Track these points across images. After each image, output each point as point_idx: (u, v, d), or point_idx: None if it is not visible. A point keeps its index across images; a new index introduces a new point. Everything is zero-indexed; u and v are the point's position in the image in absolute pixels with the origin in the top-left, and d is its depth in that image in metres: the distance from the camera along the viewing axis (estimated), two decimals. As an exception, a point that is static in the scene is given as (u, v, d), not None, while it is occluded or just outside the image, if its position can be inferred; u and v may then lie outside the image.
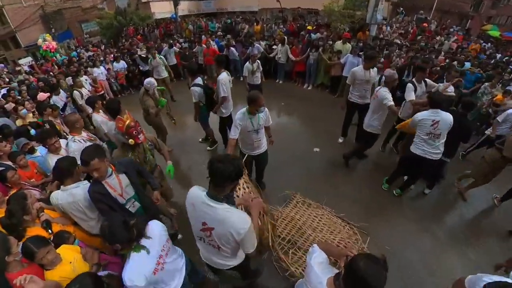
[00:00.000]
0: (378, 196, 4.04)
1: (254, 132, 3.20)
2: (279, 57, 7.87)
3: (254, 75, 5.81)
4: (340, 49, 6.99)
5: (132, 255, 1.59)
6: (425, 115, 3.29)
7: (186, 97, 5.49)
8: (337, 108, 5.27)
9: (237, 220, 1.58)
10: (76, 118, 3.23)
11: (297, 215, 3.42)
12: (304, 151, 5.09)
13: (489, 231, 3.58)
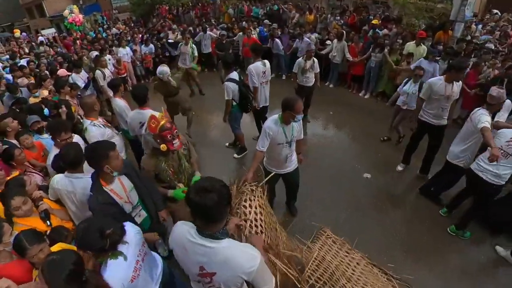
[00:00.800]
0: (434, 242, 3.78)
1: (286, 145, 3.19)
2: (333, 56, 7.80)
3: (305, 75, 5.84)
4: (412, 51, 6.70)
5: (109, 263, 1.72)
6: None
7: (218, 92, 5.68)
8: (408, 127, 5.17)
9: (243, 258, 1.49)
10: (94, 101, 3.51)
11: (327, 255, 3.22)
12: (349, 175, 4.95)
13: None
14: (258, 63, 4.80)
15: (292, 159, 3.41)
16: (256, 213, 2.43)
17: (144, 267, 1.94)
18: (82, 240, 1.71)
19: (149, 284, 2.02)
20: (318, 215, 4.05)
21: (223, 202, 1.42)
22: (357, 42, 7.65)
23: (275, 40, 8.49)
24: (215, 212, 1.42)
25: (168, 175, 2.77)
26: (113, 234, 1.71)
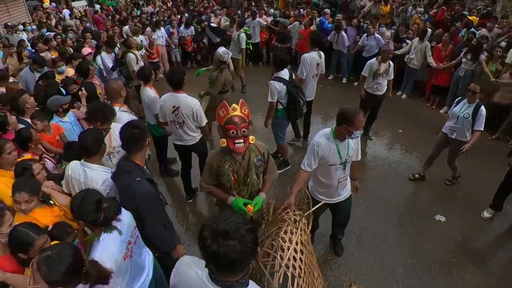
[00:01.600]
0: None
1: (340, 166, 3.11)
2: (410, 58, 7.56)
3: (377, 80, 5.71)
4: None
5: (103, 236, 1.99)
6: None
7: (262, 91, 5.72)
8: (499, 160, 4.82)
9: None
10: (120, 86, 3.82)
11: None
12: (416, 215, 4.72)
13: None
14: (313, 54, 5.21)
15: (345, 184, 3.33)
16: (296, 251, 2.39)
17: (136, 251, 2.25)
18: (78, 209, 1.97)
19: (141, 271, 2.33)
20: (366, 262, 3.94)
21: (247, 252, 1.32)
22: (446, 44, 7.31)
23: (341, 34, 8.37)
24: (235, 263, 1.34)
25: (229, 181, 2.73)
26: (108, 209, 1.98)
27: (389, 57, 5.66)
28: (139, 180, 2.40)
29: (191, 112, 3.92)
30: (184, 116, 3.94)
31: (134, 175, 2.42)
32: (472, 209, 4.80)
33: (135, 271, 2.25)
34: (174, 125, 4.06)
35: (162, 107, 4.04)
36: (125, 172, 2.47)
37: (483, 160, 5.68)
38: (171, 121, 4.04)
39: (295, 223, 2.61)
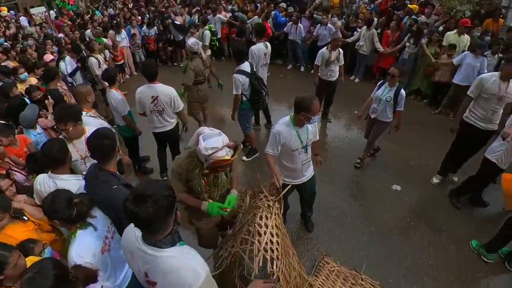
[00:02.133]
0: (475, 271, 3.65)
1: (302, 150, 3.14)
2: (360, 45, 7.68)
3: (329, 67, 5.74)
4: (454, 42, 6.49)
5: (79, 233, 1.94)
6: None
7: (226, 85, 5.63)
8: (442, 132, 4.98)
9: (184, 273, 1.50)
10: (89, 91, 3.59)
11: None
12: (375, 186, 4.89)
13: None
14: (260, 45, 5.24)
15: (309, 166, 3.37)
16: (272, 235, 2.35)
17: (114, 245, 2.14)
18: (50, 208, 1.88)
19: (122, 264, 2.24)
20: (334, 235, 4.05)
21: (161, 212, 1.41)
22: (393, 30, 7.49)
23: (298, 25, 8.33)
24: (150, 223, 1.43)
25: (200, 185, 2.60)
26: (80, 204, 1.91)
27: (339, 45, 5.69)
28: (116, 188, 2.23)
29: (169, 100, 3.96)
30: (164, 104, 3.98)
31: (111, 183, 2.24)
32: (423, 177, 5.02)
33: (115, 264, 2.18)
34: (153, 114, 4.05)
35: (140, 99, 4.00)
36: (100, 182, 2.26)
37: (429, 134, 6.00)
38: (151, 110, 4.01)
39: (268, 208, 2.57)
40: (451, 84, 6.36)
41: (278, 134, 2.99)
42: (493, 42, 6.45)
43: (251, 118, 5.06)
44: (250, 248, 2.33)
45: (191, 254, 1.60)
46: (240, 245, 2.50)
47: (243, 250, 2.41)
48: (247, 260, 2.31)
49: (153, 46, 9.39)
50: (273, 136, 3.03)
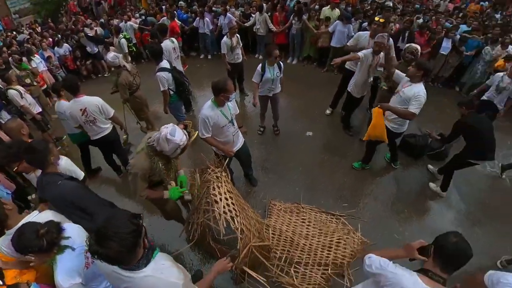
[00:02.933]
0: (374, 176, 4.34)
1: (230, 124, 3.13)
2: (257, 28, 7.64)
3: (235, 52, 5.61)
4: (329, 15, 6.87)
5: (58, 258, 1.71)
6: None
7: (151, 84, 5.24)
8: (331, 86, 5.37)
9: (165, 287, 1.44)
10: (20, 124, 3.04)
11: (283, 226, 3.37)
12: (293, 136, 5.10)
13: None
14: (167, 41, 4.99)
15: (238, 135, 3.39)
16: (226, 199, 2.36)
17: None
18: (19, 243, 1.63)
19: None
20: (273, 181, 4.22)
21: (126, 250, 1.26)
22: (280, 12, 7.54)
23: (204, 19, 7.93)
24: (118, 260, 1.30)
25: (162, 175, 2.52)
26: (47, 233, 1.65)
27: (235, 32, 5.54)
28: (61, 183, 2.16)
29: (97, 108, 3.54)
30: (94, 114, 3.53)
31: (55, 182, 2.16)
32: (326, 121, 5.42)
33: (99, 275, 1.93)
34: (87, 125, 3.58)
35: (71, 114, 3.51)
36: (46, 185, 2.16)
37: (321, 89, 6.32)
38: (84, 122, 3.55)
39: (218, 179, 2.54)
40: (330, 48, 6.79)
41: (206, 118, 2.91)
42: (354, 12, 7.05)
43: (181, 107, 4.81)
44: (212, 215, 2.32)
45: (166, 266, 1.49)
46: (204, 215, 2.48)
47: (207, 218, 2.40)
48: (213, 225, 2.30)
49: (72, 64, 8.02)
50: (202, 120, 2.95)
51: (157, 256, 1.50)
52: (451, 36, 6.40)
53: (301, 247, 3.05)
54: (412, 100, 3.25)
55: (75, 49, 8.05)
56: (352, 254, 2.96)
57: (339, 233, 3.20)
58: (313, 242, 3.12)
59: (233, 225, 2.19)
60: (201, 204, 2.54)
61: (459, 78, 6.99)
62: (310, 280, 2.78)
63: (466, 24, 7.00)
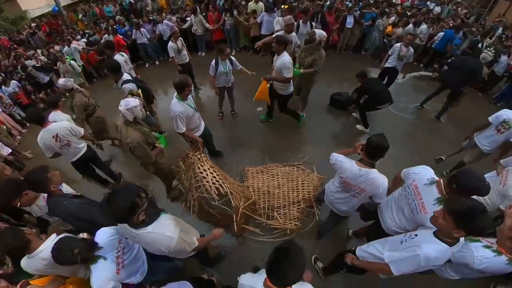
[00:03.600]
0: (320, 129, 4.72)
1: (196, 113, 3.19)
2: (195, 29, 7.34)
3: (182, 53, 5.42)
4: (254, 8, 6.90)
5: (92, 268, 1.70)
6: None
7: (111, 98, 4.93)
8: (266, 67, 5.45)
9: (162, 240, 1.63)
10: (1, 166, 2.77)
11: (259, 184, 3.56)
12: (246, 114, 5.20)
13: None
14: (117, 56, 4.67)
15: (201, 119, 3.43)
16: (212, 173, 2.46)
17: (127, 256, 1.86)
18: (58, 260, 1.64)
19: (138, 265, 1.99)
20: (240, 152, 4.34)
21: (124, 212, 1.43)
22: (213, 11, 7.34)
23: (141, 30, 7.25)
24: (121, 219, 1.50)
25: (151, 135, 2.81)
26: (79, 253, 1.63)
27: (179, 35, 5.34)
28: (66, 202, 2.12)
29: (68, 131, 3.14)
30: (66, 137, 3.15)
31: (61, 202, 2.12)
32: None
33: (132, 269, 1.92)
34: (63, 149, 3.19)
35: (45, 144, 3.07)
36: (54, 206, 2.13)
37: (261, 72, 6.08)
38: (60, 147, 3.15)
39: (199, 160, 2.63)
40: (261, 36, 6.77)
41: (180, 114, 2.90)
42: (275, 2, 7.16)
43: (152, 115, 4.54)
44: (204, 188, 2.43)
45: (164, 224, 1.66)
46: (197, 191, 2.58)
47: (201, 192, 2.50)
48: (207, 196, 2.42)
49: (25, 99, 6.56)
50: (177, 117, 2.91)
51: (161, 217, 1.69)
52: (352, 13, 6.97)
53: (277, 195, 3.33)
54: (282, 68, 3.56)
55: (25, 84, 6.70)
56: (314, 189, 3.33)
57: (301, 177, 3.53)
58: (285, 189, 3.40)
59: (223, 190, 2.34)
60: (192, 184, 2.62)
61: (363, 44, 7.70)
62: (290, 217, 3.09)
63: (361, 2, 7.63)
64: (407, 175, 2.03)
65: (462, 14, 9.59)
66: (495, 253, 1.67)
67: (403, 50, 4.80)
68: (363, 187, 2.05)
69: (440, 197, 1.76)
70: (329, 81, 6.25)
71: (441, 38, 6.66)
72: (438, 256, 1.47)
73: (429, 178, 1.86)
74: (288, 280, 1.21)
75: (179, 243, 1.65)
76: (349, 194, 2.21)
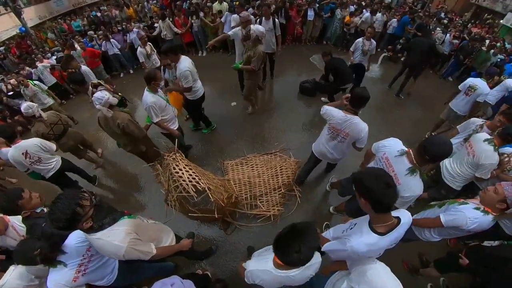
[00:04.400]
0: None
1: (168, 104, 2.98)
2: (164, 34, 6.87)
3: (152, 58, 5.11)
4: (219, 9, 6.55)
5: (51, 270, 1.57)
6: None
7: (87, 111, 4.53)
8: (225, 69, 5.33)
9: (110, 248, 1.44)
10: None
11: (239, 175, 3.41)
12: (222, 107, 4.95)
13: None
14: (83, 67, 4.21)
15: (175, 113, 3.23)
16: (187, 171, 2.27)
17: (92, 263, 1.67)
18: (18, 259, 1.57)
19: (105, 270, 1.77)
20: (218, 146, 4.08)
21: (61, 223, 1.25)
22: (179, 16, 6.86)
23: (111, 41, 6.71)
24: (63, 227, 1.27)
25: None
26: (41, 253, 1.49)
27: (146, 40, 5.05)
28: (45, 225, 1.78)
29: (38, 148, 2.84)
30: (37, 153, 2.84)
31: (40, 223, 1.85)
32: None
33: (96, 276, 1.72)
34: (34, 166, 2.86)
35: (15, 162, 2.77)
36: (33, 228, 1.87)
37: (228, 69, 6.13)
38: (30, 164, 2.83)
39: (174, 160, 2.41)
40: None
41: (152, 104, 2.74)
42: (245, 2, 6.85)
43: None
44: (182, 188, 2.23)
45: (116, 231, 1.45)
46: (175, 191, 2.36)
47: (179, 192, 2.29)
48: (186, 195, 2.22)
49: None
50: (150, 108, 2.75)
51: (119, 222, 1.50)
52: (312, 6, 6.83)
53: (258, 184, 3.18)
54: (181, 78, 3.10)
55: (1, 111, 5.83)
56: (293, 173, 3.20)
57: (280, 163, 3.40)
58: (265, 177, 3.26)
59: (200, 187, 2.14)
60: (170, 185, 2.40)
61: (325, 34, 7.61)
62: (273, 203, 2.96)
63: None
64: (377, 148, 1.94)
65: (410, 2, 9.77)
66: (483, 213, 1.68)
67: (366, 44, 4.48)
68: (348, 131, 2.22)
69: (411, 167, 1.68)
70: (298, 71, 6.14)
71: (399, 23, 6.94)
72: (369, 250, 1.31)
73: (399, 150, 1.76)
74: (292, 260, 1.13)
75: (129, 252, 1.45)
76: (336, 141, 2.37)
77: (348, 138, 2.25)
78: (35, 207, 1.98)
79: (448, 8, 11.57)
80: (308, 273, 1.33)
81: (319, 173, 3.43)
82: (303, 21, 7.07)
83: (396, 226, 1.32)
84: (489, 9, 11.73)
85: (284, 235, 1.15)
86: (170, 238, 1.85)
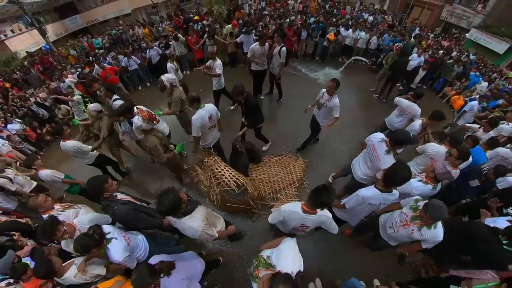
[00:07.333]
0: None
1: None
2: (180, 51, 7.16)
3: (178, 72, 5.37)
4: (231, 31, 6.98)
5: (109, 246, 1.86)
6: None
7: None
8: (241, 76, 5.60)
9: (189, 231, 1.78)
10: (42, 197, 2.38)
11: (260, 175, 3.65)
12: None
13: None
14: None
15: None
16: (227, 170, 2.62)
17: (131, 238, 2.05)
18: (81, 248, 1.75)
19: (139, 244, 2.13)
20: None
21: (170, 207, 1.62)
22: (192, 35, 7.22)
23: (132, 58, 6.91)
24: (168, 213, 1.67)
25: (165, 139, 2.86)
26: (95, 232, 1.81)
27: (175, 57, 5.35)
28: (117, 207, 2.06)
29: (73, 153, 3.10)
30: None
31: (112, 206, 2.07)
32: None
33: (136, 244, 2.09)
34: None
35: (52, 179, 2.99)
36: (105, 208, 2.12)
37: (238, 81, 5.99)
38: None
39: (215, 162, 2.76)
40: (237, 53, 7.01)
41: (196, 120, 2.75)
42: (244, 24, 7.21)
43: None
44: (224, 184, 2.58)
45: (195, 217, 1.78)
46: (217, 187, 2.70)
47: (222, 187, 2.65)
48: (229, 189, 2.57)
49: (33, 134, 5.82)
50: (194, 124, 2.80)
51: (197, 209, 1.85)
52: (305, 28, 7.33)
53: (276, 181, 3.54)
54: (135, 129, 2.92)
55: (30, 120, 5.93)
56: (303, 171, 3.59)
57: (292, 163, 3.78)
58: (281, 175, 3.62)
59: (239, 182, 2.51)
60: (212, 183, 2.76)
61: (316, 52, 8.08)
62: (290, 195, 3.32)
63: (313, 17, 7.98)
64: (368, 140, 2.53)
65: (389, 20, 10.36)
66: (424, 183, 2.22)
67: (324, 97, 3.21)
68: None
69: (387, 149, 2.28)
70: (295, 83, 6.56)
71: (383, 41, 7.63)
72: (372, 196, 2.00)
73: (380, 138, 2.36)
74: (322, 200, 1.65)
75: (202, 235, 1.78)
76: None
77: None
78: (114, 191, 2.21)
79: (422, 23, 12.26)
80: (319, 220, 1.82)
81: (325, 173, 3.72)
82: (298, 39, 7.53)
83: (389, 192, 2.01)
84: (455, 25, 12.46)
85: (319, 188, 1.67)
86: (221, 223, 2.18)
